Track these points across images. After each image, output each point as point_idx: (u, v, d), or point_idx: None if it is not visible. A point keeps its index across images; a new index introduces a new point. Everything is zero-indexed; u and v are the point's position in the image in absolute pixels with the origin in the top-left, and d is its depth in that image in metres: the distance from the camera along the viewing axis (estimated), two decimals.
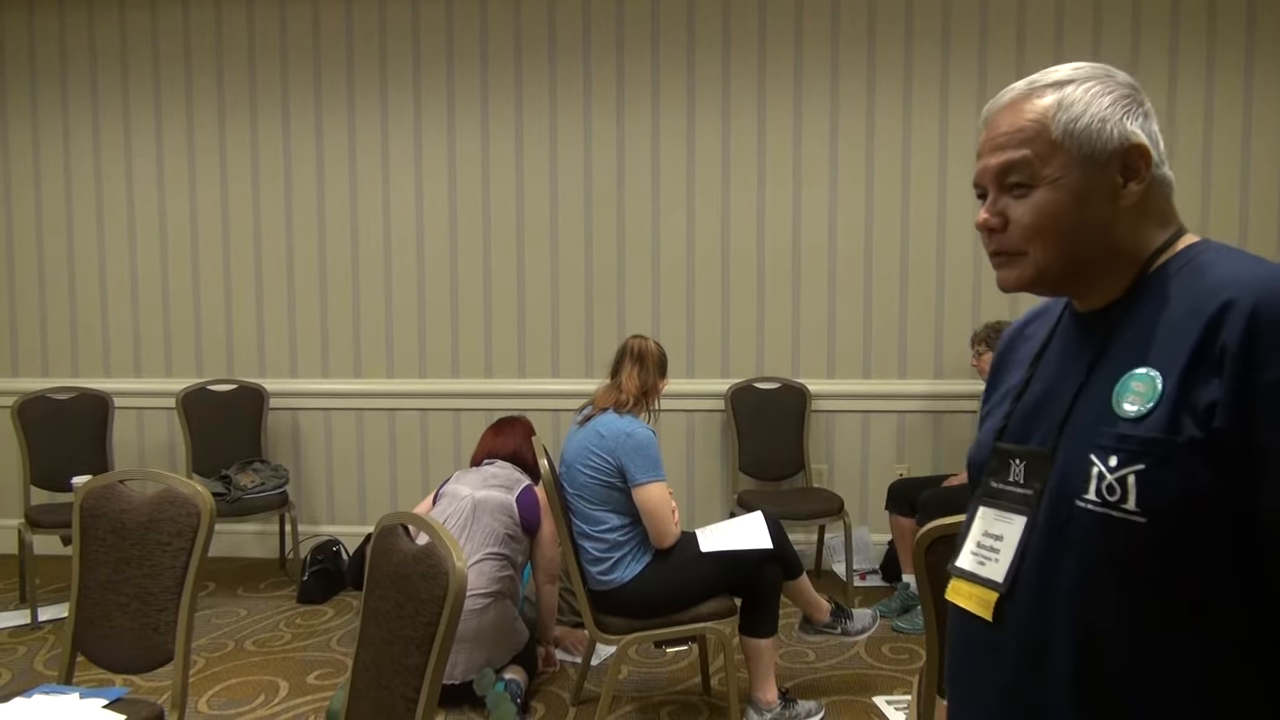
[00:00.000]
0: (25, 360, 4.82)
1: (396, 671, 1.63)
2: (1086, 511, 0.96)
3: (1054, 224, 1.01)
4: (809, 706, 2.96)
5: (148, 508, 2.21)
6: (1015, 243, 1.04)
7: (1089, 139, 1.00)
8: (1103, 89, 1.02)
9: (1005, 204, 1.04)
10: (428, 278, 4.60)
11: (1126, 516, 0.92)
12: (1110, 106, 1.01)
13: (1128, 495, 0.92)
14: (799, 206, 4.43)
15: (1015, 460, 1.06)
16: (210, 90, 4.63)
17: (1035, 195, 1.02)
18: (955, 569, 1.12)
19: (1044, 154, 1.01)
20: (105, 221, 4.74)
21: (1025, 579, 1.01)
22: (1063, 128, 1.01)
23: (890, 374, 4.45)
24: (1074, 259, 1.02)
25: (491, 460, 3.34)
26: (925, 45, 4.32)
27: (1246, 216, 4.24)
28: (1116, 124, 1.00)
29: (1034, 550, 1.01)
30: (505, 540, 3.12)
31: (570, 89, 4.47)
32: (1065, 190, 1.00)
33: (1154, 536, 0.91)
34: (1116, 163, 1.01)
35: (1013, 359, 1.21)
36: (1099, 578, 0.95)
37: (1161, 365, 0.95)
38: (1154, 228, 1.04)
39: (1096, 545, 0.95)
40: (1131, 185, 1.01)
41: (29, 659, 3.48)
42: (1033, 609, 1.00)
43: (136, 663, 2.18)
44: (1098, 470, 0.95)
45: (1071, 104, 1.01)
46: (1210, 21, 4.21)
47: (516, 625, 3.13)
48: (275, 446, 4.66)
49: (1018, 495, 1.05)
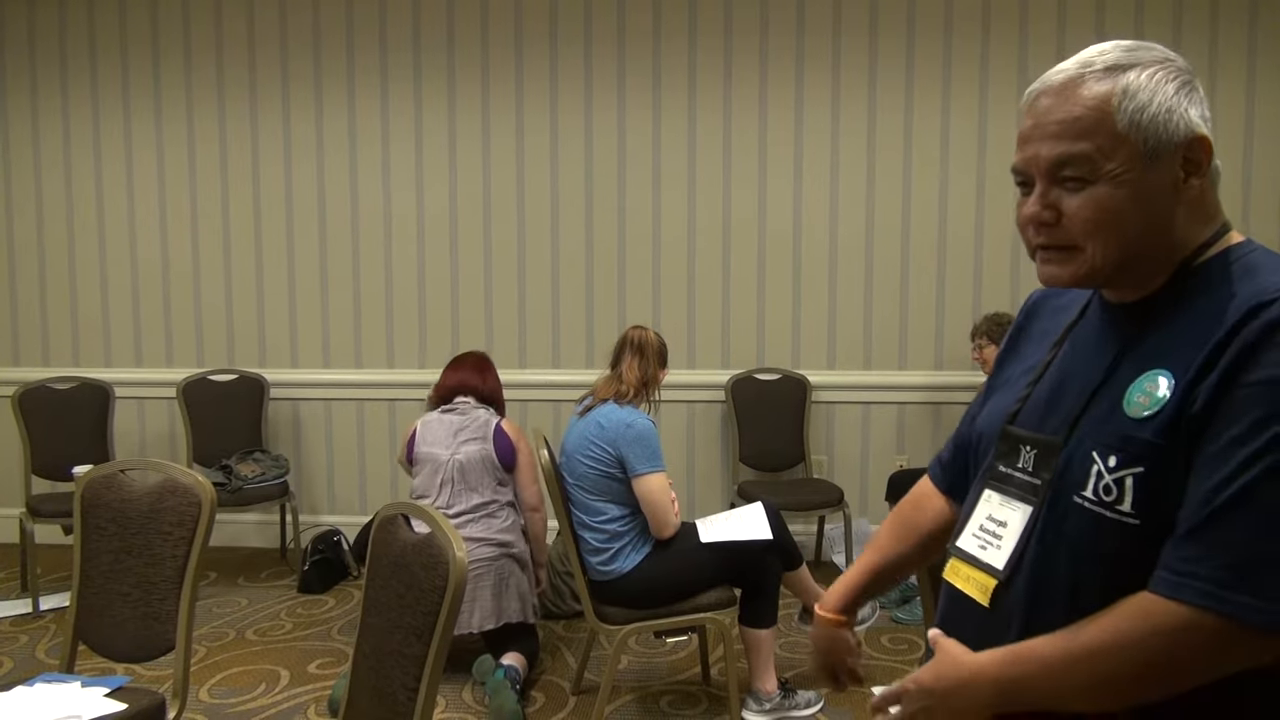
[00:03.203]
0: (26, 350, 4.82)
1: (397, 660, 1.63)
2: (1082, 508, 0.95)
3: (1116, 221, 0.94)
4: (808, 697, 2.97)
5: (149, 497, 2.21)
6: (1071, 237, 0.96)
7: (1155, 131, 0.93)
8: (1165, 75, 0.95)
9: (1057, 196, 0.97)
10: (428, 268, 4.60)
11: (1120, 518, 0.91)
12: (1175, 95, 0.94)
13: (1124, 497, 0.91)
14: (800, 196, 4.42)
15: (1026, 447, 1.04)
16: (210, 80, 4.62)
17: (1095, 190, 0.94)
18: (955, 549, 1.11)
19: (1107, 148, 0.93)
20: (106, 211, 4.73)
21: (1024, 569, 1.00)
22: (1129, 118, 0.93)
23: (891, 365, 4.45)
24: (1130, 255, 0.97)
25: (452, 406, 3.33)
26: (927, 36, 4.31)
27: (1248, 215, 4.23)
28: (1183, 115, 0.94)
29: (1035, 541, 1.00)
30: (496, 487, 3.23)
31: (571, 79, 4.46)
32: (1128, 186, 0.93)
33: (1146, 538, 0.90)
34: (1180, 155, 0.94)
35: (1036, 328, 1.17)
36: (1090, 574, 0.94)
37: (1177, 368, 0.92)
38: (1202, 222, 0.98)
39: (1089, 542, 0.94)
40: (1193, 180, 0.95)
41: (31, 648, 3.49)
42: (1027, 600, 0.99)
43: (138, 652, 2.18)
44: (1097, 468, 0.93)
45: (1137, 92, 0.93)
46: (1212, 19, 4.19)
47: (526, 574, 3.25)
48: (276, 436, 4.66)
49: (1025, 483, 1.03)
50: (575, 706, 3.05)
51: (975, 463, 1.17)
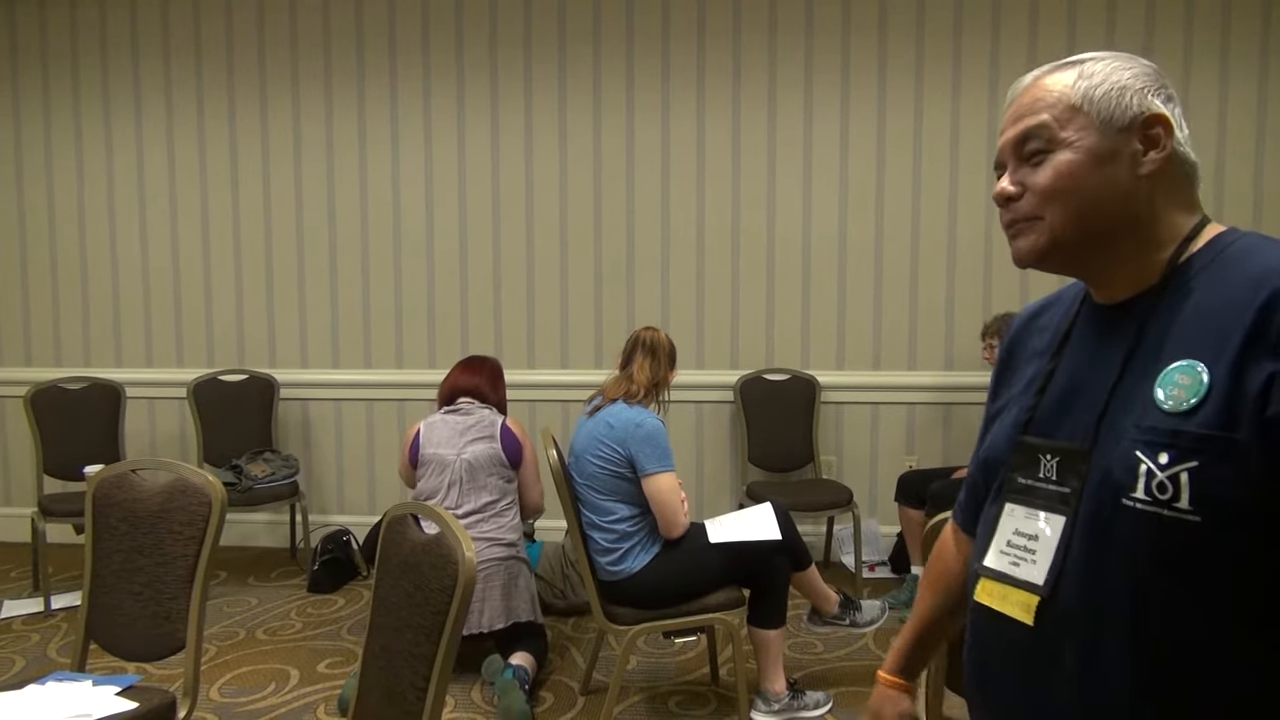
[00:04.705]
0: (38, 350, 4.84)
1: (406, 660, 1.64)
2: (1135, 510, 0.92)
3: (1070, 184, 0.99)
4: (817, 697, 2.97)
5: (160, 497, 2.22)
6: (1031, 208, 1.02)
7: (1108, 104, 0.99)
8: (1123, 65, 1.02)
9: (1024, 174, 1.03)
10: (437, 268, 4.60)
11: (1179, 516, 0.89)
12: (1130, 79, 1.01)
13: (1180, 493, 0.89)
14: (809, 196, 4.41)
15: (1046, 456, 1.02)
16: (221, 81, 4.64)
17: (1054, 158, 1.00)
18: (984, 569, 1.07)
19: (1063, 118, 1.00)
20: (117, 212, 4.75)
21: (1069, 581, 0.97)
22: (1082, 93, 1.00)
23: (900, 365, 4.43)
24: (1090, 226, 1.00)
25: (455, 407, 3.33)
26: (937, 37, 4.29)
27: (1261, 209, 4.21)
28: (1136, 93, 1.00)
29: (1077, 551, 0.97)
30: (503, 486, 3.24)
31: (580, 80, 4.46)
32: (1082, 152, 0.99)
33: (1208, 536, 0.88)
34: (1137, 131, 0.99)
35: (1023, 353, 1.16)
36: (1149, 578, 0.91)
37: (1206, 356, 0.91)
38: (1179, 212, 1.01)
39: (1146, 545, 0.91)
40: (1151, 154, 0.99)
41: (42, 646, 3.51)
42: (1080, 612, 0.96)
43: (149, 651, 2.19)
44: (1146, 467, 0.91)
45: (1092, 74, 1.01)
46: (1224, 17, 4.17)
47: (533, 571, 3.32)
48: (286, 436, 4.68)
49: (1052, 493, 1.01)
50: (584, 706, 3.05)
51: (987, 486, 1.14)
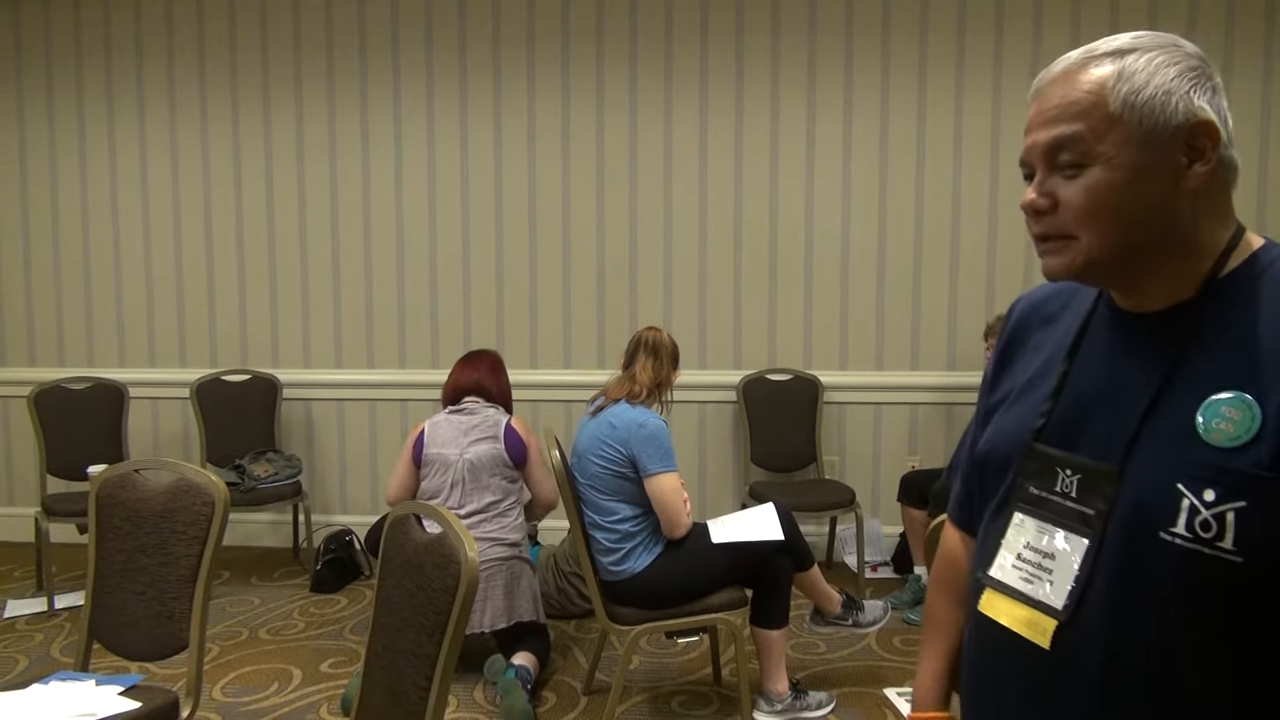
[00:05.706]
0: (41, 350, 4.85)
1: (409, 660, 1.64)
2: (1173, 546, 0.87)
3: (1108, 207, 0.91)
4: (820, 698, 2.97)
5: (163, 497, 2.22)
6: (1065, 226, 0.93)
7: (1151, 113, 0.89)
8: (1168, 59, 0.91)
9: (1054, 184, 0.94)
10: (440, 268, 4.61)
11: (1220, 555, 0.84)
12: (1176, 79, 0.90)
13: (1225, 533, 0.84)
14: (811, 196, 4.41)
15: (1065, 471, 0.97)
16: (224, 82, 4.64)
17: (1089, 174, 0.91)
18: (989, 579, 1.02)
19: (1100, 129, 0.90)
20: (120, 212, 4.76)
21: (1090, 608, 0.92)
22: (1122, 99, 0.90)
23: (903, 365, 4.43)
24: (1129, 246, 0.92)
25: (460, 407, 3.33)
26: (940, 35, 4.29)
27: (1263, 209, 4.20)
28: (1182, 97, 0.89)
29: (1102, 579, 0.91)
30: (506, 486, 3.23)
31: (583, 80, 4.46)
32: (1122, 170, 0.90)
33: (1249, 577, 0.84)
34: (1181, 141, 0.90)
35: (1029, 342, 1.10)
36: (1178, 613, 0.87)
37: (1257, 388, 0.85)
38: (1217, 221, 0.93)
39: (1179, 581, 0.87)
40: (1196, 166, 0.90)
41: (46, 646, 3.51)
42: (1102, 643, 0.91)
43: (152, 650, 2.19)
44: (1189, 503, 0.86)
45: (1133, 74, 0.90)
46: (1229, 14, 4.16)
47: (536, 574, 3.31)
48: (288, 436, 4.68)
49: (1072, 512, 0.95)
50: (586, 706, 3.05)
51: (985, 485, 1.10)
